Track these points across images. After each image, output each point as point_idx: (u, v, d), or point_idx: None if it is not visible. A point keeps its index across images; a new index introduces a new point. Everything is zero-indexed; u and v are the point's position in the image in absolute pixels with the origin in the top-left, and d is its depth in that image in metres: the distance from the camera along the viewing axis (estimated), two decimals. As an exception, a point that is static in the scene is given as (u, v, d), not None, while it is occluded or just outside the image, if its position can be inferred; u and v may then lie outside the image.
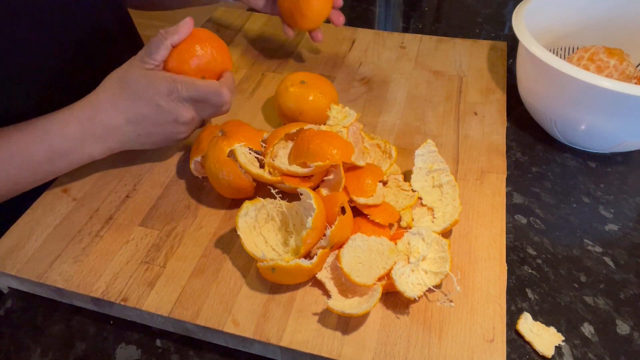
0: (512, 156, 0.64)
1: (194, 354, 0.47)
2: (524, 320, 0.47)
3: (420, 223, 0.52)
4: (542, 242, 0.55)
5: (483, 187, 0.57)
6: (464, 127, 0.65)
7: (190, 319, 0.45)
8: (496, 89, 0.71)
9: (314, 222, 0.45)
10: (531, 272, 0.52)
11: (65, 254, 0.50)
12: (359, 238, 0.48)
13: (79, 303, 0.49)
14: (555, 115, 0.62)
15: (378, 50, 0.79)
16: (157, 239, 0.52)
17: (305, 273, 0.46)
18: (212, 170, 0.52)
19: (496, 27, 0.90)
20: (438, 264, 0.46)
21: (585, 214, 0.57)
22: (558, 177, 0.62)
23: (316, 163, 0.50)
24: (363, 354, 0.42)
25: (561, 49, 0.74)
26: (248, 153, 0.53)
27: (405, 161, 0.59)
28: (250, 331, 0.44)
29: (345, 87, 0.72)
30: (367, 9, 0.98)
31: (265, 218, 0.50)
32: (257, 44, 0.82)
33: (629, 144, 0.60)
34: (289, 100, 0.61)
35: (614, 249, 0.54)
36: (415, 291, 0.45)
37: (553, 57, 0.57)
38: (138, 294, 0.47)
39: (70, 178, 0.58)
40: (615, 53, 0.64)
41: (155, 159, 0.61)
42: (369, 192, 0.51)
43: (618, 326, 0.48)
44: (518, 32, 0.62)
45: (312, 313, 0.45)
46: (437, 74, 0.74)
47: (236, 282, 0.48)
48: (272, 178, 0.52)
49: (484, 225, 0.52)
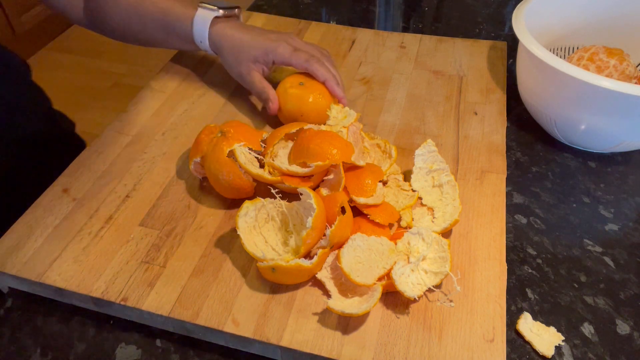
0: (512, 156, 0.64)
1: (194, 354, 0.47)
2: (524, 320, 0.47)
3: (420, 223, 0.52)
4: (542, 242, 0.55)
5: (483, 187, 0.57)
6: (464, 127, 0.65)
7: (190, 318, 0.45)
8: (496, 88, 0.71)
9: (314, 222, 0.45)
10: (531, 272, 0.52)
11: (65, 254, 0.51)
12: (359, 238, 0.48)
13: (79, 303, 0.49)
14: (555, 115, 0.62)
15: (378, 50, 0.79)
16: (157, 239, 0.52)
17: (305, 273, 0.46)
18: (212, 171, 0.52)
19: (496, 27, 0.90)
20: (438, 263, 0.46)
21: (585, 214, 0.57)
22: (558, 177, 0.62)
23: (316, 163, 0.50)
24: (363, 354, 0.42)
25: (561, 49, 0.74)
26: (248, 153, 0.53)
27: (405, 161, 0.59)
28: (250, 331, 0.44)
29: (345, 87, 0.72)
30: (367, 8, 0.98)
31: (265, 218, 0.50)
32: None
33: (629, 144, 0.60)
34: (289, 102, 0.61)
35: (614, 249, 0.54)
36: (415, 291, 0.45)
37: (553, 57, 0.57)
38: (138, 294, 0.47)
39: (70, 178, 0.58)
40: (615, 53, 0.64)
41: (155, 159, 0.61)
42: (369, 192, 0.51)
43: (618, 326, 0.48)
44: (518, 32, 0.62)
45: (312, 313, 0.45)
46: (437, 74, 0.74)
47: (236, 282, 0.48)
48: (272, 178, 0.52)
49: (484, 225, 0.52)
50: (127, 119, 0.66)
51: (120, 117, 0.66)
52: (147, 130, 0.65)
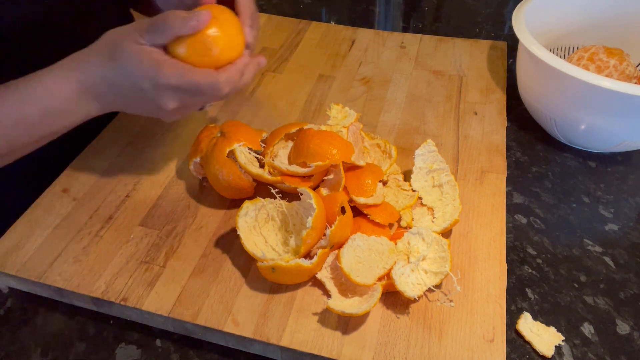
0: (512, 156, 0.64)
1: (194, 354, 0.47)
2: (524, 320, 0.47)
3: (420, 223, 0.52)
4: (542, 242, 0.55)
5: (483, 187, 0.57)
6: (464, 127, 0.65)
7: (190, 318, 0.45)
8: (496, 88, 0.71)
9: (314, 222, 0.45)
10: (531, 272, 0.52)
11: (65, 254, 0.50)
12: (359, 238, 0.48)
13: (79, 303, 0.49)
14: (555, 115, 0.62)
15: (378, 50, 0.79)
16: (157, 239, 0.52)
17: (305, 273, 0.46)
18: (212, 171, 0.52)
19: (496, 27, 0.90)
20: (438, 263, 0.46)
21: (585, 214, 0.57)
22: (558, 177, 0.62)
23: (316, 163, 0.50)
24: (363, 354, 0.42)
25: (561, 49, 0.74)
26: (248, 153, 0.53)
27: (405, 161, 0.59)
28: (250, 331, 0.44)
29: (345, 87, 0.72)
30: (367, 8, 0.98)
31: (265, 218, 0.50)
32: (257, 44, 0.82)
33: (629, 144, 0.60)
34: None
35: (614, 249, 0.54)
36: (415, 291, 0.45)
37: (553, 56, 0.57)
38: (138, 294, 0.47)
39: (70, 178, 0.58)
40: (615, 53, 0.64)
41: (155, 159, 0.61)
42: (369, 192, 0.51)
43: (618, 326, 0.48)
44: (518, 31, 0.62)
45: (312, 313, 0.45)
46: (437, 74, 0.74)
47: (236, 282, 0.48)
48: (272, 178, 0.52)
49: (484, 225, 0.52)
50: (127, 118, 0.66)
51: (120, 117, 0.66)
52: (147, 130, 0.65)
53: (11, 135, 0.48)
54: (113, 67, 0.47)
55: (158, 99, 0.46)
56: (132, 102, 0.49)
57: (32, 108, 0.47)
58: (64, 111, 0.48)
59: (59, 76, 0.48)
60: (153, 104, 0.47)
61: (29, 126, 0.48)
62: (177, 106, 0.47)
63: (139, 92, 0.47)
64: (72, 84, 0.47)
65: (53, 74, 0.48)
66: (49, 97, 0.47)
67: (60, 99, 0.48)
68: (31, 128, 0.48)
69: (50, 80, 0.48)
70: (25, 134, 0.49)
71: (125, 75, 0.46)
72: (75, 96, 0.48)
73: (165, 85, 0.45)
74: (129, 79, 0.46)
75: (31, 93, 0.48)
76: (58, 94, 0.48)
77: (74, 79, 0.47)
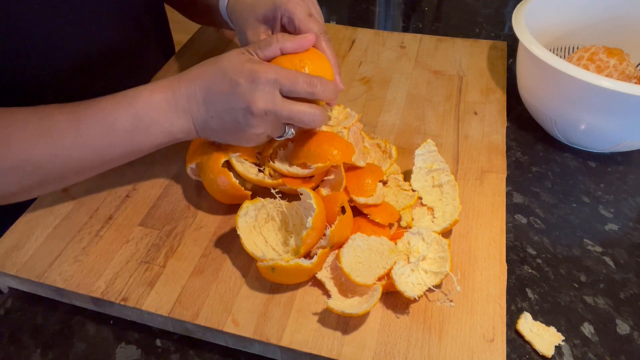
0: (512, 156, 0.64)
1: (194, 354, 0.47)
2: (524, 320, 0.47)
3: (420, 223, 0.52)
4: (542, 241, 0.55)
5: (483, 186, 0.57)
6: (464, 126, 0.65)
7: (190, 318, 0.45)
8: (496, 88, 0.71)
9: (314, 222, 0.45)
10: (531, 271, 0.52)
11: (65, 253, 0.50)
12: (359, 238, 0.48)
13: (79, 303, 0.49)
14: (555, 115, 0.62)
15: (378, 49, 0.79)
16: (157, 239, 0.52)
17: (305, 273, 0.46)
18: (207, 179, 0.52)
19: (496, 27, 0.90)
20: (438, 263, 0.46)
21: (585, 214, 0.57)
22: (558, 176, 0.62)
23: (317, 164, 0.50)
24: (363, 354, 0.42)
25: (561, 49, 0.74)
26: (244, 161, 0.53)
27: (405, 161, 0.59)
28: (250, 331, 0.44)
29: (345, 87, 0.72)
30: (367, 8, 0.98)
31: (265, 218, 0.50)
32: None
33: (629, 144, 0.60)
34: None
35: (614, 249, 0.54)
36: (415, 291, 0.45)
37: (553, 56, 0.57)
38: (138, 294, 0.47)
39: (70, 178, 0.58)
40: (615, 53, 0.64)
41: (155, 159, 0.61)
42: (369, 191, 0.51)
43: (618, 326, 0.48)
44: (518, 31, 0.62)
45: (312, 313, 0.45)
46: (437, 74, 0.74)
47: (236, 282, 0.48)
48: (273, 182, 0.52)
49: (484, 225, 0.52)
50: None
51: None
52: (147, 130, 0.65)
53: (102, 146, 0.49)
54: (211, 72, 0.48)
55: (251, 97, 0.46)
56: (222, 109, 0.48)
57: (124, 113, 0.48)
58: (151, 122, 0.49)
59: (151, 86, 0.50)
60: (243, 104, 0.47)
61: (117, 135, 0.49)
62: (267, 109, 0.46)
63: (232, 87, 0.47)
64: (164, 93, 0.49)
65: (146, 86, 0.50)
66: (141, 104, 0.49)
67: (150, 107, 0.49)
68: (118, 137, 0.49)
69: (144, 90, 0.49)
70: (114, 143, 0.49)
71: (224, 75, 0.47)
72: (164, 106, 0.49)
73: (264, 79, 0.46)
74: (226, 77, 0.47)
75: (126, 100, 0.49)
76: (149, 102, 0.49)
77: (166, 89, 0.49)
